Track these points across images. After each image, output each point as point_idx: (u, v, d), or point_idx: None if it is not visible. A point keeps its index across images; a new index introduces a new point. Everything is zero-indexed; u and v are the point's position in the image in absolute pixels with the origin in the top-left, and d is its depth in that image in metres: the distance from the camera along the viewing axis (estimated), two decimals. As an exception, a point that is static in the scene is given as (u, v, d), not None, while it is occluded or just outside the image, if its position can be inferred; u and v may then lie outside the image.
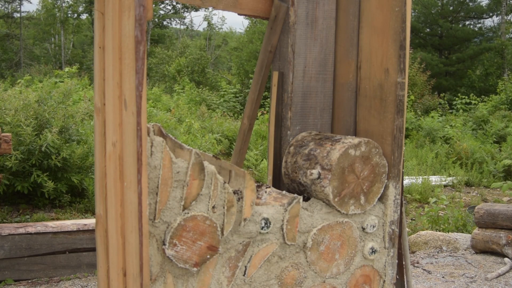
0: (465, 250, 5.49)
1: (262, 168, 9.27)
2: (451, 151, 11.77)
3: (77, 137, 6.89)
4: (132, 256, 1.62)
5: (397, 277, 2.34)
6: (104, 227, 1.75)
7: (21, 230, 4.40)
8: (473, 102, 17.48)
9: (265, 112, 14.92)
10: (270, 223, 1.92)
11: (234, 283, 1.90)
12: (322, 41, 2.29)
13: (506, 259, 5.03)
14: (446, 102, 19.18)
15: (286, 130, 2.26)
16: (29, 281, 4.40)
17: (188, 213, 1.73)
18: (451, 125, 14.45)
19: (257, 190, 2.05)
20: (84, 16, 37.19)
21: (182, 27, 42.74)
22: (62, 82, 9.96)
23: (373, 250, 2.18)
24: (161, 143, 1.67)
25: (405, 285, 2.41)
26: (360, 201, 2.09)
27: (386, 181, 2.15)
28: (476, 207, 5.50)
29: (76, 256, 4.57)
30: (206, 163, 1.76)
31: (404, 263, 2.40)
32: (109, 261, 1.73)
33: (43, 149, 6.08)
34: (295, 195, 2.01)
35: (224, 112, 17.08)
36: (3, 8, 34.47)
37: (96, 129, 1.76)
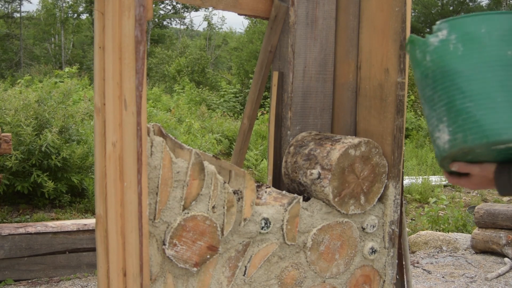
0: (465, 250, 5.49)
1: (262, 168, 9.27)
2: (451, 151, 11.75)
3: (77, 137, 6.88)
4: (132, 256, 1.62)
5: (397, 277, 2.34)
6: (104, 227, 1.75)
7: (21, 230, 4.40)
8: (473, 102, 17.44)
9: (265, 112, 14.90)
10: (270, 223, 1.92)
11: (234, 283, 1.90)
12: (322, 41, 2.29)
13: (506, 259, 5.03)
14: (446, 102, 19.14)
15: (286, 130, 2.26)
16: (29, 281, 4.40)
17: (188, 213, 1.73)
18: (451, 125, 14.42)
19: (257, 190, 2.05)
20: (84, 16, 37.18)
21: (182, 27, 42.76)
22: (62, 82, 9.94)
23: (373, 250, 2.18)
24: (161, 143, 1.67)
25: (405, 285, 2.41)
26: (360, 201, 2.09)
27: (386, 181, 2.15)
28: (476, 207, 5.51)
29: (76, 256, 4.57)
30: (206, 163, 1.76)
31: (404, 263, 2.40)
32: (109, 261, 1.73)
33: (43, 149, 6.08)
34: (295, 195, 2.00)
35: (224, 112, 17.06)
36: (3, 8, 34.45)
37: (96, 129, 1.76)
